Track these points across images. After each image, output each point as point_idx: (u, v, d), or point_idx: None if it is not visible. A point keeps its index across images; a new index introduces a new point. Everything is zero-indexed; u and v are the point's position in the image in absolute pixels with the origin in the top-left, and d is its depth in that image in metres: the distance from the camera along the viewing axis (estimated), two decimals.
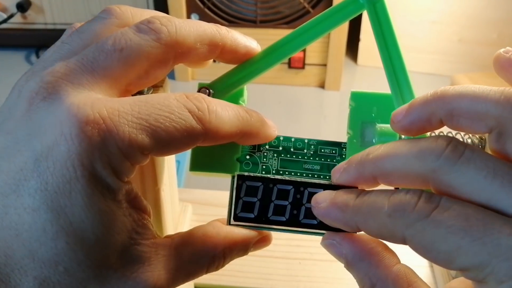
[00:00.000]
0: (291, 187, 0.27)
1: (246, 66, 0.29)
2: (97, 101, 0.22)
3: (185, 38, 0.25)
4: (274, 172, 0.29)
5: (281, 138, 0.29)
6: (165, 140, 0.23)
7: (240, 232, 0.28)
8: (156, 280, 0.24)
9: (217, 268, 0.27)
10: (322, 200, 0.25)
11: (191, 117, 0.24)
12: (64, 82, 0.23)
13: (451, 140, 0.22)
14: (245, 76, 0.29)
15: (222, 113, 0.25)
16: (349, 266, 0.25)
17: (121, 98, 0.23)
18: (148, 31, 0.24)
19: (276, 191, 0.27)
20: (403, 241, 0.22)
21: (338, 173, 0.26)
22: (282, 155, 0.29)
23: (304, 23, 0.29)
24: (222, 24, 0.28)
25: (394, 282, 0.24)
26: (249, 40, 0.29)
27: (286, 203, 0.27)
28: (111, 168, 0.22)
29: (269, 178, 0.27)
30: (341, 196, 0.25)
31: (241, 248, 0.28)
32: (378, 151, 0.24)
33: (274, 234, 0.42)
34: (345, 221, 0.24)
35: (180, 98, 0.24)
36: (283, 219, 0.27)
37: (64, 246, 0.21)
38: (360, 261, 0.25)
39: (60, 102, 0.22)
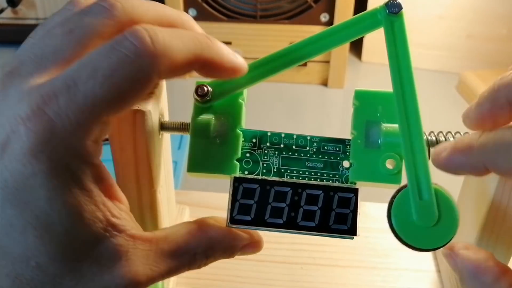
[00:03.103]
0: (289, 189, 0.27)
1: (250, 70, 0.29)
2: (33, 91, 0.22)
3: (141, 16, 0.25)
4: (275, 170, 0.29)
5: (283, 135, 0.29)
6: (115, 91, 0.22)
7: (227, 233, 0.28)
8: (134, 274, 0.24)
9: (199, 267, 0.27)
10: (442, 149, 0.25)
11: (130, 50, 0.22)
12: (13, 76, 0.23)
13: None
14: (247, 81, 0.28)
15: (169, 33, 0.24)
16: (462, 281, 0.25)
17: (52, 78, 0.23)
18: (101, 9, 0.24)
19: (274, 193, 0.27)
20: None
21: (471, 111, 0.25)
22: (284, 153, 0.29)
23: (316, 33, 0.28)
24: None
25: None
26: (206, 35, 0.27)
27: (284, 205, 0.27)
28: (70, 154, 0.22)
29: (266, 180, 0.27)
30: (462, 140, 0.25)
31: (226, 249, 0.28)
32: None
33: (275, 238, 0.42)
34: (470, 164, 0.24)
35: (112, 44, 0.22)
36: (280, 221, 0.27)
37: (34, 240, 0.22)
38: (473, 279, 0.24)
39: (6, 98, 0.22)
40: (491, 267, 0.24)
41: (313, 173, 0.28)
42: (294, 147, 0.29)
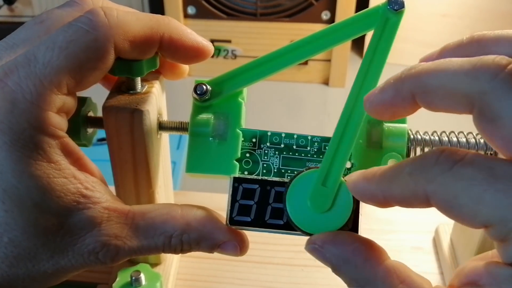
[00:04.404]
0: None
1: (248, 68, 0.29)
2: None
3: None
4: (275, 170, 0.29)
5: (283, 135, 0.29)
6: (71, 60, 0.23)
7: (207, 223, 0.27)
8: (105, 244, 0.24)
9: (175, 251, 0.27)
10: (354, 174, 0.25)
11: (85, 23, 0.24)
12: None
13: None
14: (246, 80, 0.28)
15: (125, 10, 0.26)
16: (336, 270, 0.25)
17: (16, 56, 0.24)
18: (71, 3, 0.26)
19: (274, 193, 0.27)
20: (426, 200, 0.21)
21: (373, 95, 0.24)
22: (284, 153, 0.29)
23: (316, 32, 0.28)
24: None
25: (383, 281, 0.23)
26: (167, 17, 0.28)
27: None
28: (33, 125, 0.23)
29: (266, 180, 0.27)
30: (371, 169, 0.24)
31: (202, 239, 0.27)
32: (423, 66, 0.23)
33: (275, 239, 0.42)
34: (371, 192, 0.24)
35: (70, 22, 0.24)
36: (281, 222, 0.27)
37: (3, 215, 0.22)
38: (345, 263, 0.24)
39: None
40: (359, 246, 0.24)
41: None
42: (294, 147, 0.29)
